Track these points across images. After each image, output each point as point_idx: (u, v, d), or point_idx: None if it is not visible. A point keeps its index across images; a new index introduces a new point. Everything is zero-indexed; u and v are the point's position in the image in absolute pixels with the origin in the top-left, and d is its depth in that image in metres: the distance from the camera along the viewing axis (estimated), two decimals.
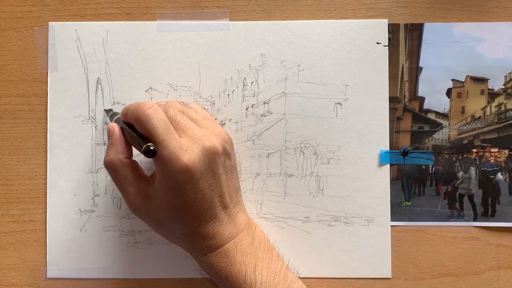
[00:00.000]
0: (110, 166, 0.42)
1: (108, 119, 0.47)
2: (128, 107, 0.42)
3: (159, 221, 0.42)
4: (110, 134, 0.43)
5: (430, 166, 0.49)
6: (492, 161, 0.49)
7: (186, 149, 0.39)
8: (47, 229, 0.49)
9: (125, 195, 0.42)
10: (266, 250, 0.43)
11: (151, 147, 0.38)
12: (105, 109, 0.49)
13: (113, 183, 0.43)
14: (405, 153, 0.49)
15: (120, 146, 0.42)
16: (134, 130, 0.41)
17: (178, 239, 0.43)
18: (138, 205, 0.41)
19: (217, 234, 0.41)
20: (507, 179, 0.49)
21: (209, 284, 0.48)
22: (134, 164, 0.42)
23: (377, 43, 0.48)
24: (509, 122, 0.49)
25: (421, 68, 0.49)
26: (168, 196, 0.40)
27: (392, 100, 0.49)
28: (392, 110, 0.49)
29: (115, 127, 0.43)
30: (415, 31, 0.49)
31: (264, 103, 0.49)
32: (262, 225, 0.48)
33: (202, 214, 0.40)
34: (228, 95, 0.49)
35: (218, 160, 0.41)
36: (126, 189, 0.42)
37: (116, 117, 0.44)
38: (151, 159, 0.39)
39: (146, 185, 0.41)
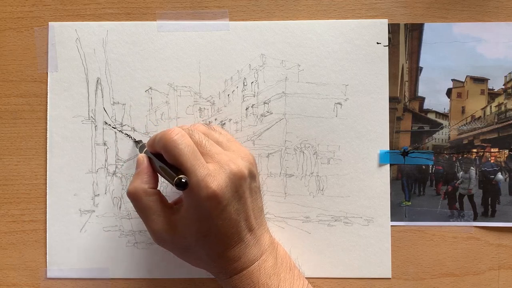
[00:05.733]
0: (132, 195, 0.42)
1: (137, 151, 0.47)
2: (154, 137, 0.42)
3: (184, 247, 0.42)
4: (138, 164, 0.43)
5: (430, 166, 0.49)
6: (492, 161, 0.49)
7: (214, 175, 0.39)
8: (47, 229, 0.49)
9: (148, 224, 0.42)
10: (288, 269, 0.43)
11: (183, 179, 0.38)
12: (134, 140, 0.48)
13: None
14: (405, 153, 0.49)
15: (146, 176, 0.42)
16: (162, 161, 0.41)
17: (203, 263, 0.43)
18: (162, 233, 0.41)
19: (243, 257, 0.41)
20: (507, 179, 0.49)
21: (209, 284, 0.48)
22: (158, 194, 0.42)
23: (377, 43, 0.48)
24: (509, 122, 0.49)
25: (421, 68, 0.49)
26: (195, 223, 0.40)
27: (392, 100, 0.49)
28: (392, 110, 0.49)
29: (144, 158, 0.43)
30: (415, 31, 0.49)
31: (264, 103, 0.49)
32: None
33: (229, 238, 0.41)
34: (228, 95, 0.49)
35: (244, 184, 0.41)
36: (149, 217, 0.41)
37: (145, 149, 0.44)
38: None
39: (171, 213, 0.41)
